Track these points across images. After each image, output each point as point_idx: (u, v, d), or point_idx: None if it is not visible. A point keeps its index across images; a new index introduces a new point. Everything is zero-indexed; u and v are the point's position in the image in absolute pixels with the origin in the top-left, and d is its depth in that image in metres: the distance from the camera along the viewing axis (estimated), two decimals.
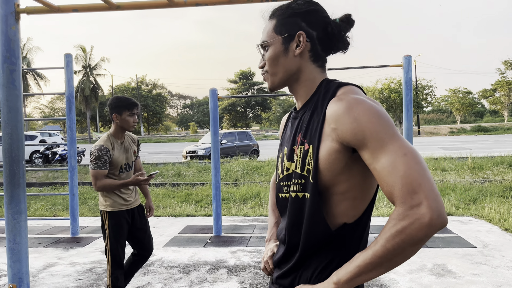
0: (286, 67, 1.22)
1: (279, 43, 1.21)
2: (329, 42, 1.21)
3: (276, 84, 1.26)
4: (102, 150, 3.05)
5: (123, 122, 3.13)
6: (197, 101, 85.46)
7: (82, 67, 49.32)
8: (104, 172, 3.06)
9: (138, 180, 3.02)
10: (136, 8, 2.54)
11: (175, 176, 12.62)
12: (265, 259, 1.39)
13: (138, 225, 3.38)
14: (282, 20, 1.21)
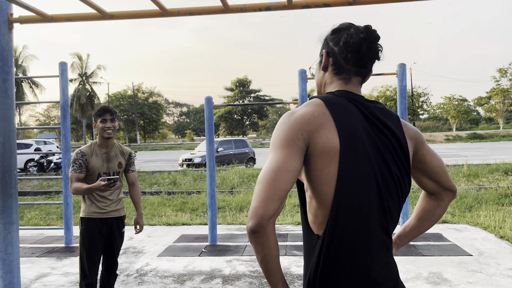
0: (318, 81, 1.45)
1: (317, 62, 1.47)
2: (352, 54, 1.32)
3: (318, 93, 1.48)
4: (78, 154, 3.11)
5: (98, 130, 3.16)
6: (194, 108, 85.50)
7: (78, 75, 49.30)
8: (78, 175, 3.08)
9: (99, 184, 2.91)
10: (129, 18, 2.54)
11: (171, 184, 12.57)
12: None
13: (109, 237, 3.26)
14: (321, 45, 1.43)
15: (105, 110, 3.18)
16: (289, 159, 1.17)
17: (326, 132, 1.21)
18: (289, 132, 1.21)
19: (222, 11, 2.57)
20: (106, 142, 3.22)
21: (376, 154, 1.25)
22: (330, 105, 1.26)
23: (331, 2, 2.52)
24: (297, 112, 1.26)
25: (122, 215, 3.34)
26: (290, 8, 2.56)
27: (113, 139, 3.29)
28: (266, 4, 2.55)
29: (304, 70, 5.66)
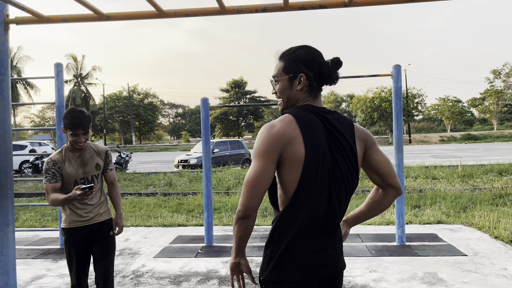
0: (291, 97, 1.76)
1: (286, 80, 1.75)
2: (322, 79, 1.74)
3: (284, 108, 1.80)
4: (49, 163, 2.88)
5: (69, 138, 2.90)
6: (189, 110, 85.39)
7: (73, 76, 49.12)
8: (54, 185, 2.86)
9: (75, 195, 2.66)
10: (126, 19, 2.54)
11: (167, 185, 12.55)
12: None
13: (97, 242, 3.04)
14: (289, 64, 1.74)
15: (77, 124, 2.83)
16: (266, 168, 1.61)
17: (296, 145, 1.61)
18: (267, 146, 1.61)
19: (218, 12, 2.58)
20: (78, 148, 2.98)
21: (331, 159, 1.65)
22: (300, 121, 1.64)
23: (327, 4, 2.54)
24: (274, 128, 1.63)
25: (107, 219, 3.11)
26: (286, 9, 2.57)
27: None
28: (262, 6, 2.56)
29: None
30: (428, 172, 12.77)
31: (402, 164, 5.53)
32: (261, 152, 1.61)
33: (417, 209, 8.11)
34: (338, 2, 2.56)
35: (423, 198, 9.02)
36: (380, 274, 4.45)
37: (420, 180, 11.63)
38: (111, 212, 3.18)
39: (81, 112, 2.89)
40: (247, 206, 1.61)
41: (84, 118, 2.88)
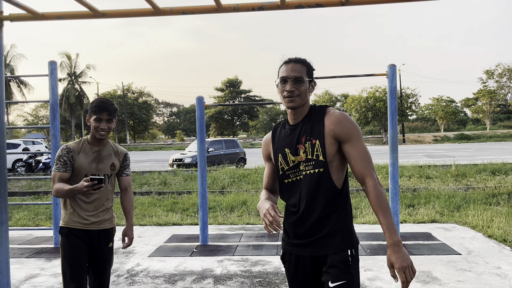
0: (307, 97, 2.01)
1: (307, 82, 2.00)
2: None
3: (299, 105, 1.98)
4: (63, 150, 2.67)
5: (91, 126, 2.70)
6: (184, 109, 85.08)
7: (67, 74, 48.78)
8: (62, 175, 2.63)
9: (81, 186, 2.46)
10: (122, 16, 2.53)
11: (161, 184, 12.51)
12: (269, 211, 1.85)
13: (94, 254, 2.77)
14: (309, 70, 2.02)
15: (103, 107, 2.67)
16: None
17: None
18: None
19: (215, 10, 2.58)
20: (99, 140, 2.77)
21: None
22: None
23: (324, 2, 2.54)
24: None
25: (108, 228, 2.83)
26: (283, 8, 2.57)
27: (107, 138, 2.84)
28: (259, 4, 2.56)
29: None
30: (422, 171, 12.84)
31: (397, 163, 5.55)
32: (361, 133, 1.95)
33: (411, 208, 8.15)
34: (335, 1, 2.56)
35: (417, 197, 9.06)
36: (375, 273, 4.46)
37: (414, 180, 11.68)
38: (114, 221, 2.91)
39: (109, 100, 2.77)
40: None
41: (111, 104, 2.73)
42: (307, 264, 1.97)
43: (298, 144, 1.97)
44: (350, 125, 1.91)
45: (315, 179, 1.93)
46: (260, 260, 5.01)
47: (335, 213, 1.93)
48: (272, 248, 5.52)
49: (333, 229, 1.92)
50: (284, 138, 2.05)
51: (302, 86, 1.96)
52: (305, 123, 2.00)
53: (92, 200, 2.73)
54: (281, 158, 2.02)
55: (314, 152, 1.92)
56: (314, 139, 1.93)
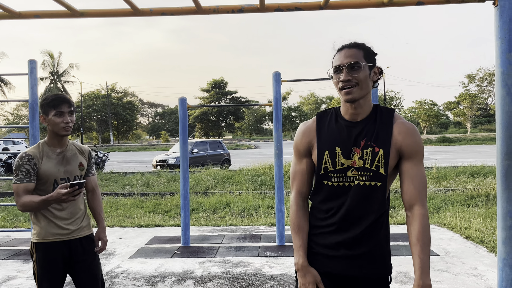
0: (368, 87, 1.69)
1: (367, 68, 1.68)
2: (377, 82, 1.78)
3: (359, 97, 1.68)
4: (23, 158, 2.35)
5: (52, 125, 2.41)
6: (169, 109, 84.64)
7: (49, 73, 48.03)
8: (26, 186, 2.33)
9: (59, 194, 2.21)
10: (100, 16, 2.52)
11: (144, 185, 12.41)
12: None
13: (80, 263, 2.53)
14: (368, 53, 1.70)
15: (62, 99, 2.40)
16: None
17: None
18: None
19: (195, 12, 2.58)
20: (60, 140, 2.48)
21: None
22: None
23: (303, 6, 2.57)
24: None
25: (88, 234, 2.60)
26: (262, 11, 2.59)
27: (66, 138, 2.55)
28: (239, 6, 2.58)
29: (279, 72, 5.71)
30: None
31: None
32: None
33: (392, 210, 8.26)
34: (314, 4, 2.59)
35: (398, 199, 9.19)
36: None
37: (396, 182, 11.84)
38: (91, 226, 2.70)
39: (63, 94, 2.54)
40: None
41: (68, 97, 2.48)
42: (333, 280, 1.73)
43: (355, 146, 1.68)
44: (419, 141, 1.66)
45: (368, 192, 1.67)
46: (241, 262, 5.01)
47: (378, 232, 1.69)
48: (253, 249, 5.53)
49: (374, 249, 1.68)
50: (335, 134, 1.72)
51: (359, 73, 1.65)
52: (368, 124, 1.70)
53: (66, 206, 2.47)
54: (327, 157, 1.70)
55: (374, 162, 1.65)
56: (378, 147, 1.65)
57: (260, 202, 9.24)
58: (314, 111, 69.52)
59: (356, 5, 2.65)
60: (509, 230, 2.44)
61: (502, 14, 2.43)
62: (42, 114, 2.44)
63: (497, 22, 2.46)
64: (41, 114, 2.45)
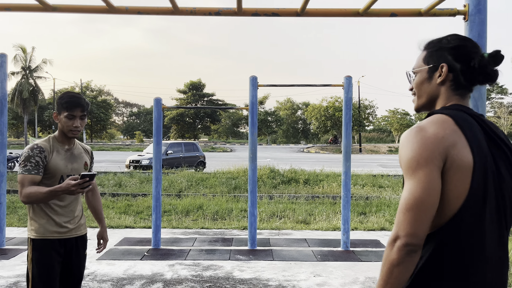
0: (430, 92, 1.44)
1: (425, 71, 1.44)
2: (472, 74, 1.37)
3: (420, 106, 1.50)
4: (34, 150, 2.36)
5: (61, 125, 2.44)
6: (145, 109, 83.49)
7: (21, 68, 46.59)
8: (33, 177, 2.32)
9: (69, 185, 2.20)
10: (74, 12, 2.47)
11: (116, 186, 12.19)
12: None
13: (70, 264, 2.51)
14: (431, 53, 1.43)
15: (76, 103, 2.41)
16: (434, 180, 1.23)
17: (460, 149, 1.25)
18: (428, 151, 1.25)
19: (171, 12, 2.56)
20: (69, 138, 2.52)
21: (497, 172, 1.30)
22: (458, 121, 1.30)
23: (280, 12, 2.59)
24: (429, 130, 1.28)
25: (84, 234, 2.61)
26: (239, 14, 2.60)
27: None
28: (216, 9, 2.58)
29: (255, 77, 5.73)
30: (375, 180, 13.26)
31: (350, 172, 5.71)
32: (422, 160, 1.24)
33: (363, 216, 8.39)
34: (291, 11, 2.62)
35: (369, 205, 9.35)
36: (323, 278, 4.56)
37: (367, 188, 12.04)
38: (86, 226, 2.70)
39: (80, 94, 2.52)
40: (418, 235, 1.21)
41: (84, 99, 2.48)
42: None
43: None
44: (400, 147, 1.33)
45: None
46: (212, 265, 4.98)
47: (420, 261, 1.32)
48: (225, 252, 5.51)
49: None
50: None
51: (416, 78, 1.49)
52: None
53: (68, 203, 2.47)
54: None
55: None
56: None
57: (234, 205, 9.21)
58: (290, 116, 70.05)
59: (332, 13, 2.70)
60: None
61: (472, 28, 2.52)
62: (55, 111, 2.49)
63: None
64: (55, 110, 2.50)
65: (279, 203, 9.51)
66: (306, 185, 12.60)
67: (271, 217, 8.25)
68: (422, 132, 1.28)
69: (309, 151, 41.87)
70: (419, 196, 1.22)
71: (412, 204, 1.22)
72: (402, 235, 1.22)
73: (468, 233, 1.27)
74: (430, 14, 2.60)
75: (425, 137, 1.27)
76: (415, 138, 1.28)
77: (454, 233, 1.27)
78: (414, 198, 1.22)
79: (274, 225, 7.36)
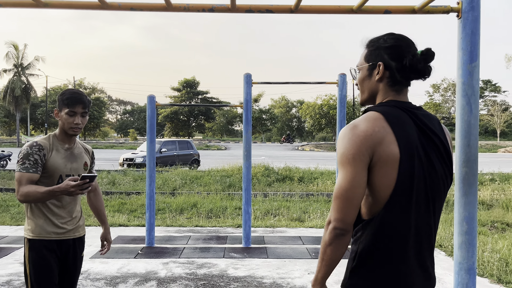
0: (370, 88, 1.59)
1: (366, 69, 1.58)
2: (406, 71, 1.51)
3: (363, 101, 1.64)
4: (33, 147, 2.30)
5: (62, 122, 2.40)
6: (138, 107, 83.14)
7: (13, 65, 46.17)
8: (31, 176, 2.26)
9: (68, 185, 2.14)
10: (65, 7, 2.43)
11: (110, 184, 12.13)
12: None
13: (66, 266, 2.46)
14: (371, 51, 1.57)
15: (77, 99, 2.37)
16: (359, 175, 1.40)
17: (387, 145, 1.41)
18: (356, 148, 1.41)
19: (164, 8, 2.54)
20: (69, 137, 2.46)
21: (426, 161, 1.45)
22: (388, 118, 1.45)
23: (274, 9, 2.58)
24: (359, 127, 1.43)
25: (82, 235, 2.56)
26: (233, 11, 2.58)
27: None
28: (210, 6, 2.56)
29: (250, 74, 5.71)
30: None
31: None
32: (350, 156, 1.40)
33: None
34: (285, 8, 2.61)
35: None
36: None
37: None
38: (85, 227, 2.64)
39: (82, 91, 2.47)
40: (344, 220, 1.39)
41: (86, 96, 2.44)
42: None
43: None
44: (337, 145, 1.51)
45: None
46: (206, 263, 4.97)
47: (354, 246, 1.52)
48: (219, 250, 5.50)
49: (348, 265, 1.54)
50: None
51: (358, 75, 1.63)
52: None
53: (66, 204, 2.41)
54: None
55: None
56: None
57: (228, 203, 9.20)
58: (285, 114, 70.06)
59: (326, 10, 2.69)
60: (465, 235, 2.52)
61: (465, 26, 2.52)
62: (56, 108, 2.43)
63: (460, 34, 2.54)
64: (55, 108, 2.44)
65: (273, 201, 9.52)
66: (301, 183, 12.62)
67: (265, 215, 8.25)
68: (354, 129, 1.44)
69: (304, 149, 41.93)
70: (345, 187, 1.40)
71: (339, 194, 1.41)
72: (332, 219, 1.41)
73: (398, 218, 1.43)
74: (424, 11, 2.60)
75: (355, 134, 1.42)
76: (348, 135, 1.44)
77: (387, 219, 1.43)
78: (341, 189, 1.41)
79: (268, 223, 7.36)
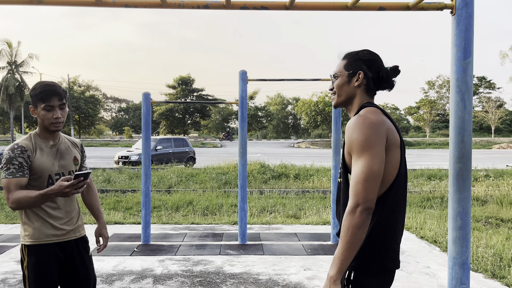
0: (348, 92, 1.82)
1: (345, 76, 1.82)
2: (379, 82, 1.81)
3: (339, 103, 1.87)
4: (15, 150, 2.15)
5: (41, 119, 2.24)
6: (133, 105, 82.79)
7: (7, 63, 45.82)
8: (19, 180, 2.13)
9: (61, 186, 2.01)
10: (59, 4, 2.42)
11: (105, 182, 12.09)
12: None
13: (74, 269, 2.37)
14: (351, 62, 1.82)
15: (51, 91, 2.20)
16: (383, 156, 1.60)
17: (392, 131, 1.67)
18: (376, 133, 1.60)
19: (159, 5, 2.53)
20: (52, 133, 2.32)
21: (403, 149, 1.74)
22: (383, 112, 1.73)
23: (269, 5, 2.58)
24: (372, 117, 1.65)
25: (84, 235, 2.47)
26: (228, 8, 2.58)
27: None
28: (204, 2, 2.55)
29: (245, 71, 5.71)
30: None
31: (339, 166, 5.74)
32: (374, 140, 1.58)
33: None
34: (279, 4, 2.61)
35: None
36: (314, 272, 4.58)
37: None
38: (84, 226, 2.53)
39: (55, 83, 2.30)
40: (373, 200, 1.55)
41: (59, 87, 2.26)
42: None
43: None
44: (353, 134, 1.62)
45: (339, 188, 1.84)
46: (202, 260, 4.98)
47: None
48: (215, 247, 5.51)
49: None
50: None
51: (336, 81, 1.85)
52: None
53: (62, 204, 2.30)
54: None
55: (342, 160, 1.80)
56: (343, 147, 1.78)
57: (224, 200, 9.21)
58: (281, 111, 70.10)
59: (320, 7, 2.69)
60: (458, 230, 2.55)
61: (459, 23, 2.53)
62: (31, 106, 2.27)
63: (454, 31, 2.55)
64: (31, 105, 2.27)
65: (269, 198, 9.53)
66: (296, 180, 12.64)
67: (261, 212, 8.27)
68: (367, 119, 1.63)
69: (299, 146, 41.98)
70: (376, 168, 1.56)
71: (369, 176, 1.55)
72: (362, 202, 1.53)
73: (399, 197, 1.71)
74: (418, 8, 2.61)
75: (372, 122, 1.61)
76: (364, 124, 1.61)
77: (393, 198, 1.68)
78: (371, 171, 1.55)
79: (264, 220, 7.38)
